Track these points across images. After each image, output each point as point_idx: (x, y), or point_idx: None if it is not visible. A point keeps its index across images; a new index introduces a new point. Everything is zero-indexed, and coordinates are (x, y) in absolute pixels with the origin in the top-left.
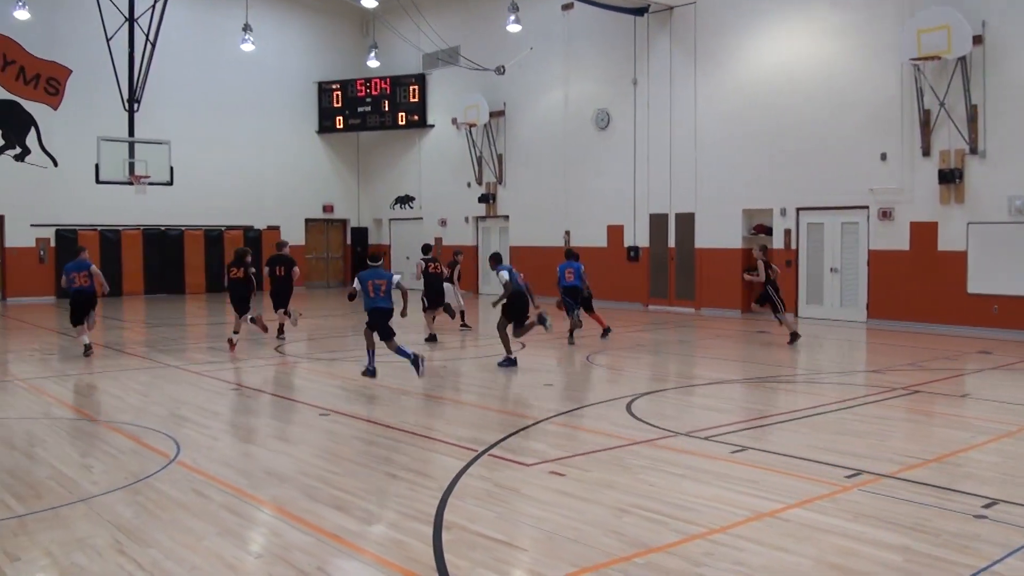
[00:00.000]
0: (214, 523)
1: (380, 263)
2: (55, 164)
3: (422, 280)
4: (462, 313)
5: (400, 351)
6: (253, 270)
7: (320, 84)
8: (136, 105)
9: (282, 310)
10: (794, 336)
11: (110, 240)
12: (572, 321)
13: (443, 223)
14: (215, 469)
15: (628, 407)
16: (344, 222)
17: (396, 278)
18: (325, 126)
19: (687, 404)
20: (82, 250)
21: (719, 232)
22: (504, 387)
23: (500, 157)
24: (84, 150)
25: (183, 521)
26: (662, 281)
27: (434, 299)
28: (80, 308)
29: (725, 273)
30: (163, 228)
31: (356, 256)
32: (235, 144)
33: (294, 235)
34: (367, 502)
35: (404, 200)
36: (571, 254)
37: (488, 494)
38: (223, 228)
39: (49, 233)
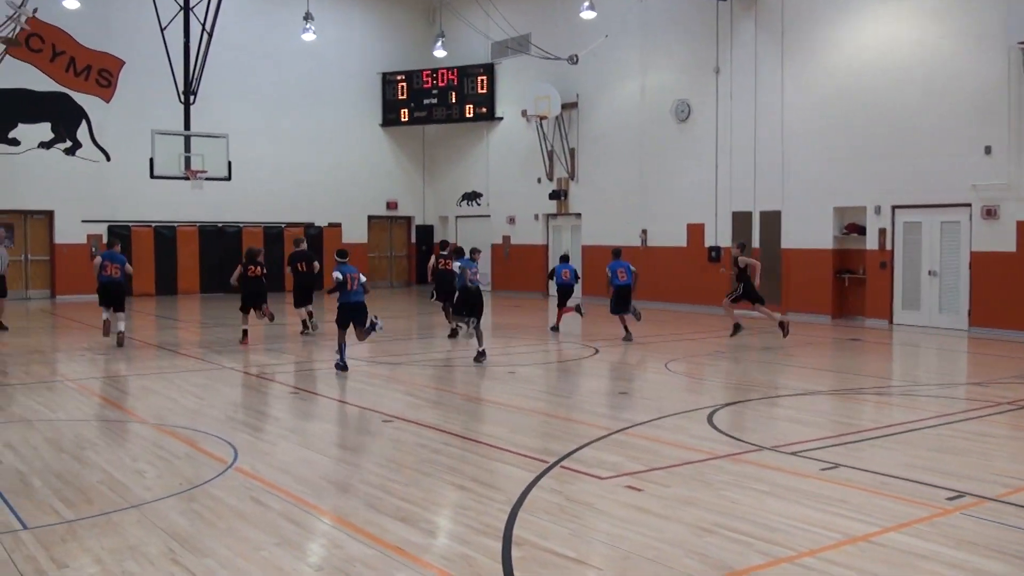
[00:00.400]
0: (272, 533)
1: (347, 259)
2: (107, 158)
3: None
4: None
5: (368, 332)
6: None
7: (384, 75)
8: (192, 97)
9: (305, 307)
10: (737, 328)
11: (164, 237)
12: (625, 319)
13: (511, 221)
14: (274, 476)
15: (709, 418)
16: (408, 220)
17: (362, 277)
18: (389, 119)
19: (772, 416)
20: (115, 243)
21: (807, 231)
22: (576, 394)
23: (572, 151)
24: (138, 144)
25: (240, 530)
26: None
27: (445, 296)
28: (108, 294)
29: (814, 276)
30: (220, 225)
31: (420, 255)
32: (295, 138)
33: (356, 233)
34: (432, 514)
35: (471, 197)
36: (618, 253)
37: (560, 509)
38: (283, 225)
39: (101, 230)
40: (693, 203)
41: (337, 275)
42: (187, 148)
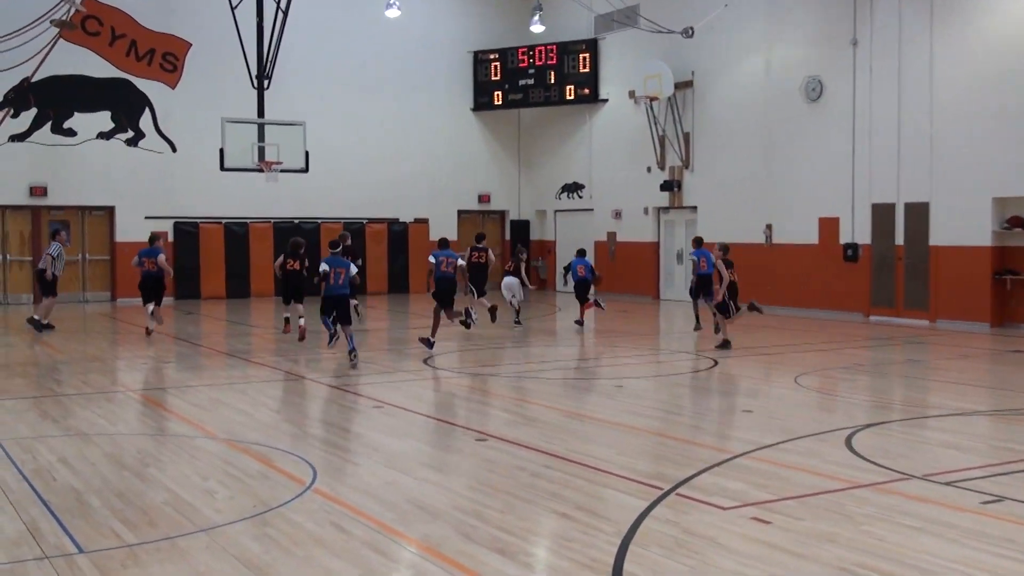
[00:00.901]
0: (355, 562)
1: (339, 250)
2: (173, 149)
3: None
4: (517, 311)
5: (350, 337)
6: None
7: (476, 54)
8: (266, 82)
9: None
10: (725, 344)
11: (236, 234)
12: (716, 314)
13: (617, 215)
14: (356, 499)
15: (848, 441)
16: (502, 214)
17: (353, 269)
18: (481, 102)
19: (922, 440)
20: (156, 237)
21: (961, 226)
22: (692, 412)
23: (687, 136)
24: (206, 133)
25: (319, 559)
26: (887, 287)
27: (479, 287)
28: (149, 290)
29: (968, 277)
30: (296, 221)
31: (517, 254)
32: (378, 125)
33: (446, 228)
34: (532, 545)
35: (572, 188)
36: (699, 241)
37: (676, 542)
38: (364, 221)
39: (166, 226)
40: (826, 194)
41: (324, 267)
42: (260, 137)
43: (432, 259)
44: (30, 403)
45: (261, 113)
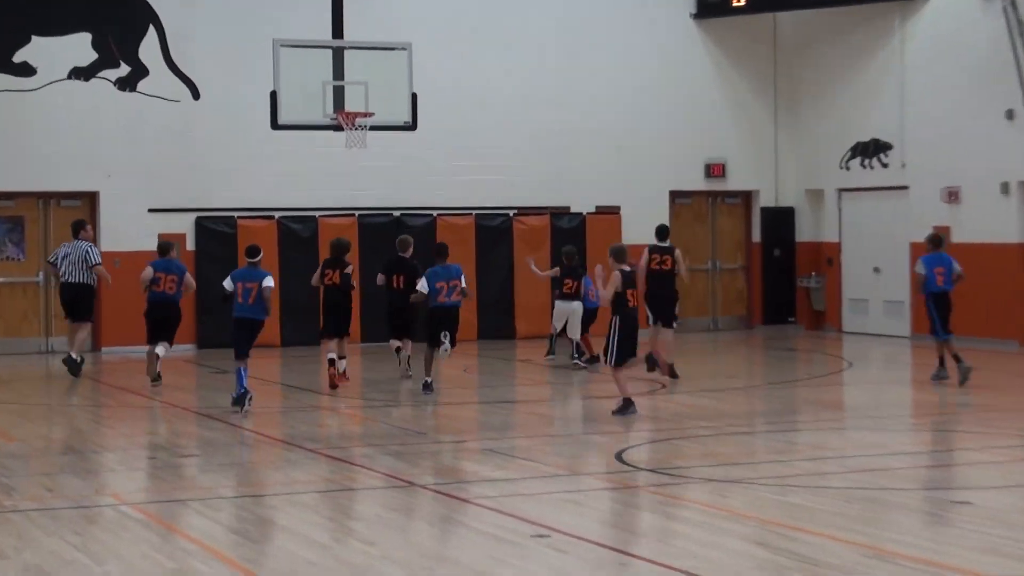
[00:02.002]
0: None
1: (258, 259)
2: (194, 94)
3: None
4: (577, 350)
5: (240, 375)
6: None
7: None
8: None
9: (398, 343)
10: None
11: (296, 236)
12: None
13: (952, 196)
14: None
15: None
16: (747, 197)
17: (269, 282)
18: (709, 5)
19: None
20: (170, 247)
21: None
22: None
23: None
24: (248, 68)
25: None
26: None
27: (667, 312)
28: (158, 322)
29: None
30: (396, 213)
31: (770, 265)
32: (534, 49)
33: (649, 222)
34: None
35: (870, 151)
36: (937, 240)
37: None
38: (511, 212)
39: (183, 223)
40: None
41: (227, 284)
42: (338, 72)
43: (424, 281)
44: None
45: (339, 32)
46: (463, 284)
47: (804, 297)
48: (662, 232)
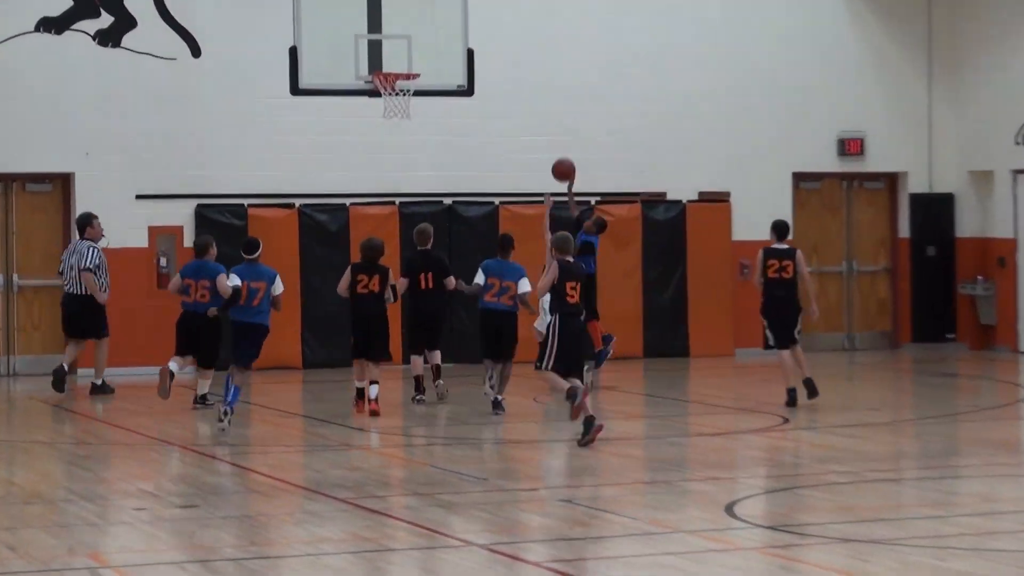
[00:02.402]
0: None
1: (257, 255)
2: (194, 51)
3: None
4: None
5: (236, 388)
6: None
7: None
8: None
9: (422, 362)
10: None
11: (322, 228)
12: None
13: None
14: None
15: None
16: (892, 180)
17: (280, 284)
18: None
19: None
20: (208, 244)
21: None
22: None
23: None
24: (259, 20)
25: None
26: None
27: (786, 332)
28: (191, 337)
29: None
30: (447, 200)
31: (922, 268)
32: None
33: (765, 212)
34: None
35: None
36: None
37: None
38: (593, 200)
39: (179, 213)
40: None
41: (234, 281)
42: (374, 23)
43: (480, 276)
44: None
45: None
46: (520, 289)
47: (967, 308)
48: (781, 229)
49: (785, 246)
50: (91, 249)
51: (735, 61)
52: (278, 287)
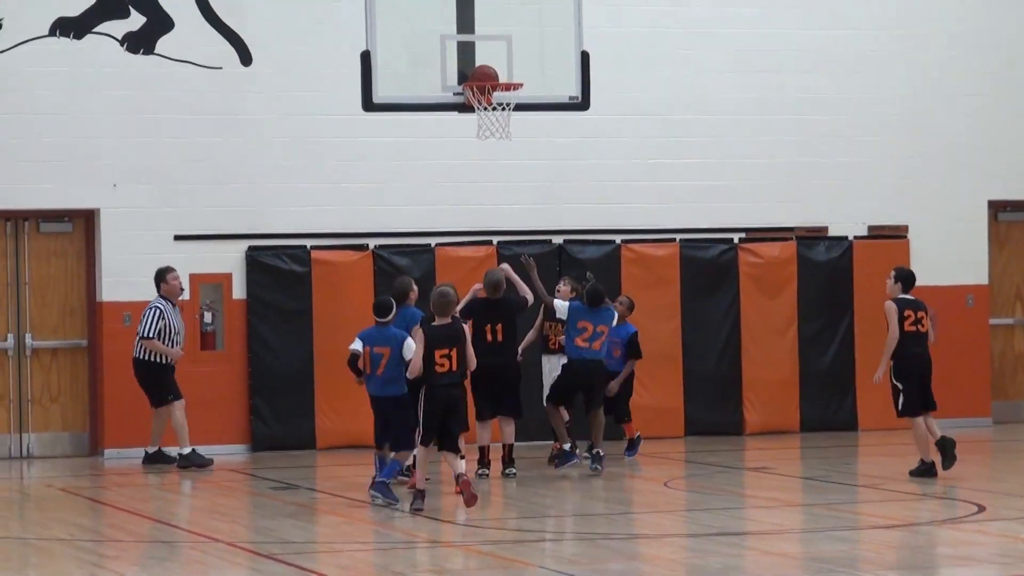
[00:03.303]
0: None
1: (390, 318)
2: (244, 58)
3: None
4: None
5: (391, 467)
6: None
7: None
8: None
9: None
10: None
11: (401, 273)
12: None
13: None
14: None
15: None
16: None
17: (410, 346)
18: None
19: None
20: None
21: None
22: None
23: None
24: (322, 20)
25: None
26: None
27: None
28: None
29: None
30: (557, 239)
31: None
32: None
33: (956, 247)
34: None
35: None
36: None
37: None
38: (737, 237)
39: (227, 257)
40: None
41: (355, 346)
42: (465, 22)
43: (563, 305)
44: None
45: None
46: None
47: None
48: (909, 279)
49: (913, 297)
50: (151, 312)
51: (912, 62)
52: (409, 348)
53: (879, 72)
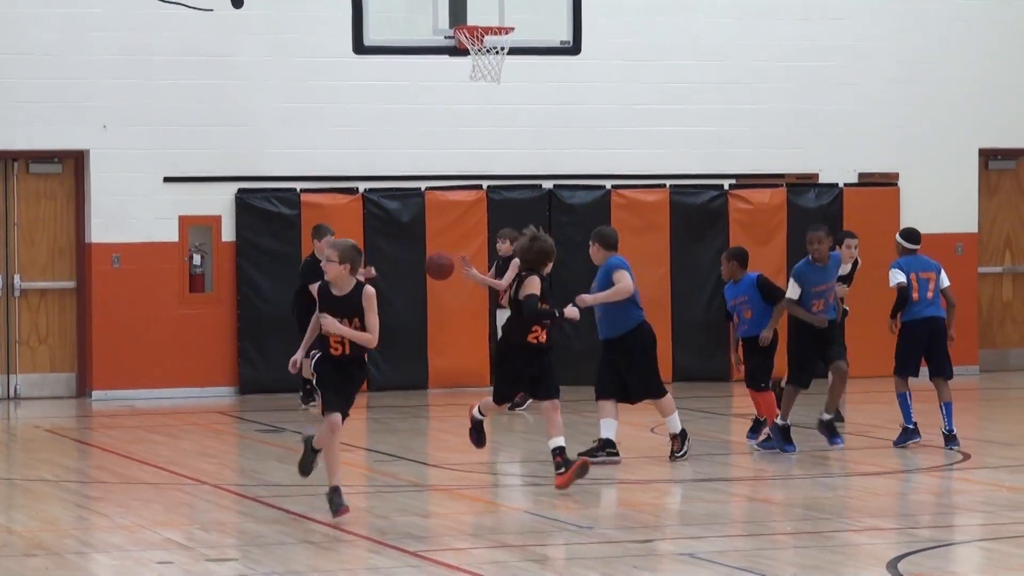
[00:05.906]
0: None
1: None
2: (236, 1)
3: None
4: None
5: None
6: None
7: None
8: None
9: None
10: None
11: (391, 218)
12: None
13: None
14: None
15: None
16: None
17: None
18: None
19: None
20: (326, 232)
21: None
22: None
23: None
24: None
25: None
26: None
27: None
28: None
29: None
30: (547, 183)
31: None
32: None
33: (947, 196)
34: None
35: None
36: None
37: None
38: (727, 183)
39: (217, 199)
40: None
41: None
42: None
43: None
44: None
45: None
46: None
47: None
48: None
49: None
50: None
51: (905, 11)
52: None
53: (872, 20)
